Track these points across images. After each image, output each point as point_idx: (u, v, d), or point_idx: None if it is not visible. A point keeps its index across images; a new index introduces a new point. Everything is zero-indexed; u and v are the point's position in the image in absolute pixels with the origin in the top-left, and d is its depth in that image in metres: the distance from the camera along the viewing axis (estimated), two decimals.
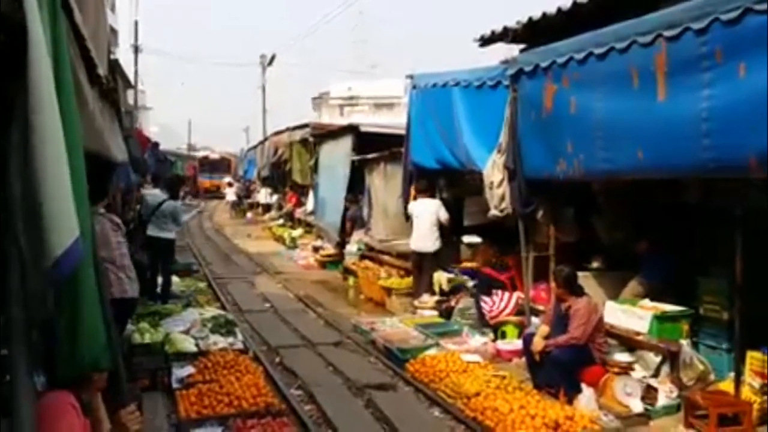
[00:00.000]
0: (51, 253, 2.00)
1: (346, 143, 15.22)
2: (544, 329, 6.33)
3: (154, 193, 10.44)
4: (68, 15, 2.64)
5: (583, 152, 5.98)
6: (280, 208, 25.73)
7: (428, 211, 9.76)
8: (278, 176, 25.71)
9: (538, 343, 6.19)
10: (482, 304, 8.12)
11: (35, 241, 2.00)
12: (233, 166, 48.74)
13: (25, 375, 2.04)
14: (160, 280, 10.01)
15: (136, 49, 35.26)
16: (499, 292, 8.11)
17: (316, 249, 16.13)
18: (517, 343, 7.13)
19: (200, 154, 54.07)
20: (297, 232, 19.69)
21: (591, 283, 7.09)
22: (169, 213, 9.93)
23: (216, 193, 43.59)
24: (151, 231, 9.81)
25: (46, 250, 2.00)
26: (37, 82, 1.94)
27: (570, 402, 5.75)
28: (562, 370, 5.97)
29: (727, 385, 5.59)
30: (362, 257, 13.00)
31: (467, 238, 10.16)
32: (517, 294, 8.09)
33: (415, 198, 10.08)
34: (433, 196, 10.08)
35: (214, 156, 50.73)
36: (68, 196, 2.06)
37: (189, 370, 6.44)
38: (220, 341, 7.37)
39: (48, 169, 1.98)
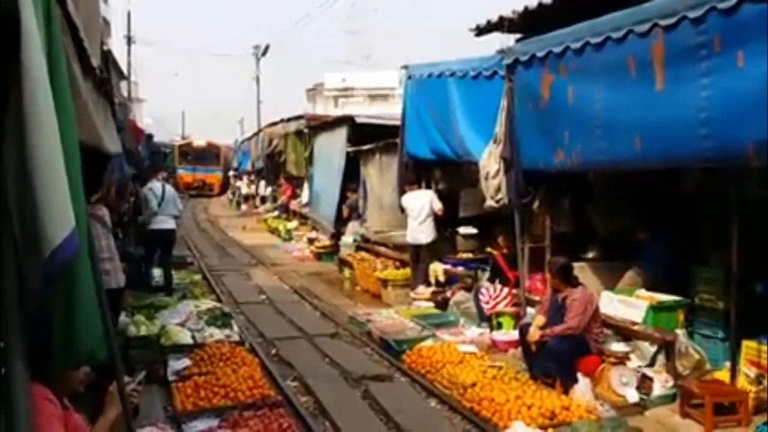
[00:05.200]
0: (46, 245, 1.98)
1: (341, 134, 15.18)
2: (541, 319, 6.33)
3: (154, 186, 10.19)
4: (61, 5, 2.61)
5: (581, 142, 5.97)
6: (274, 199, 25.68)
7: (421, 203, 9.76)
8: (273, 168, 25.62)
9: (534, 334, 6.19)
10: (480, 296, 8.12)
11: (30, 233, 1.98)
12: (224, 156, 40.16)
13: (21, 367, 2.02)
14: (157, 272, 10.01)
15: (129, 40, 35.06)
16: (499, 286, 8.11)
17: (311, 241, 16.11)
18: (513, 334, 7.14)
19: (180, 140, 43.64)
20: (292, 224, 19.66)
21: (586, 274, 7.10)
22: (172, 198, 10.09)
23: (201, 191, 36.42)
24: (158, 224, 9.81)
25: (41, 242, 1.97)
26: (30, 73, 1.91)
27: (566, 392, 5.75)
28: (558, 360, 5.98)
29: (723, 375, 5.61)
30: (358, 249, 13.00)
31: (463, 230, 10.16)
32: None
33: (405, 191, 10.07)
34: (422, 187, 10.08)
35: (199, 143, 39.46)
36: (64, 188, 2.04)
37: (185, 362, 6.43)
38: (216, 333, 7.37)
39: (42, 160, 1.95)
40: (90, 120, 4.06)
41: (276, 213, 23.26)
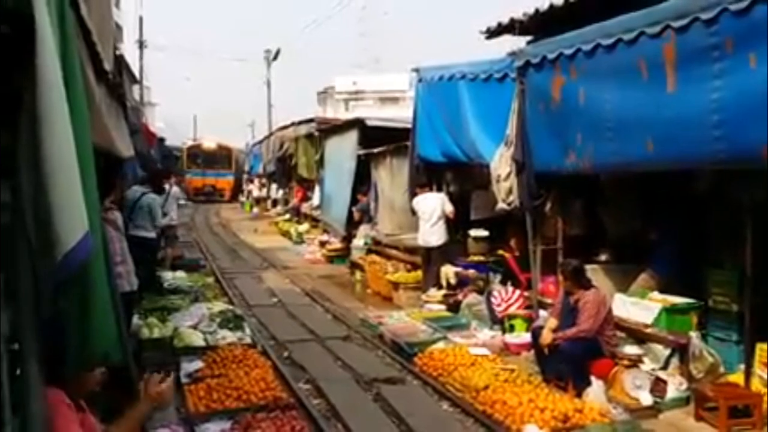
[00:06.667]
0: (60, 249, 2.00)
1: (351, 137, 15.20)
2: (553, 322, 6.30)
3: (134, 190, 9.11)
4: (75, 9, 2.63)
5: (593, 144, 5.96)
6: (286, 203, 25.75)
7: (432, 205, 9.76)
8: (284, 171, 25.70)
9: (546, 336, 6.16)
10: (492, 299, 8.11)
11: (44, 236, 2.00)
12: (235, 158, 38.44)
13: (36, 369, 2.04)
14: (169, 275, 10.01)
15: (141, 45, 35.26)
16: (511, 288, 8.09)
17: (322, 244, 16.13)
18: (526, 337, 7.12)
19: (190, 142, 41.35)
20: (303, 226, 19.70)
21: (599, 276, 7.06)
22: (147, 207, 8.81)
23: (211, 197, 35.29)
24: (133, 230, 8.57)
25: (55, 246, 1.99)
26: (45, 77, 1.93)
27: (579, 395, 5.73)
28: (571, 362, 5.95)
29: (737, 377, 5.56)
30: (369, 251, 13.00)
31: (474, 232, 10.15)
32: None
33: (416, 193, 10.08)
34: (433, 189, 10.09)
35: (209, 145, 37.59)
36: (77, 192, 2.06)
37: (198, 364, 6.45)
38: (228, 336, 7.39)
39: (55, 163, 1.97)
40: (103, 124, 4.10)
41: (287, 216, 23.32)
